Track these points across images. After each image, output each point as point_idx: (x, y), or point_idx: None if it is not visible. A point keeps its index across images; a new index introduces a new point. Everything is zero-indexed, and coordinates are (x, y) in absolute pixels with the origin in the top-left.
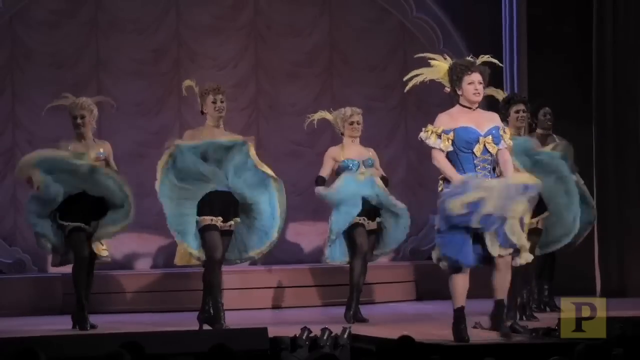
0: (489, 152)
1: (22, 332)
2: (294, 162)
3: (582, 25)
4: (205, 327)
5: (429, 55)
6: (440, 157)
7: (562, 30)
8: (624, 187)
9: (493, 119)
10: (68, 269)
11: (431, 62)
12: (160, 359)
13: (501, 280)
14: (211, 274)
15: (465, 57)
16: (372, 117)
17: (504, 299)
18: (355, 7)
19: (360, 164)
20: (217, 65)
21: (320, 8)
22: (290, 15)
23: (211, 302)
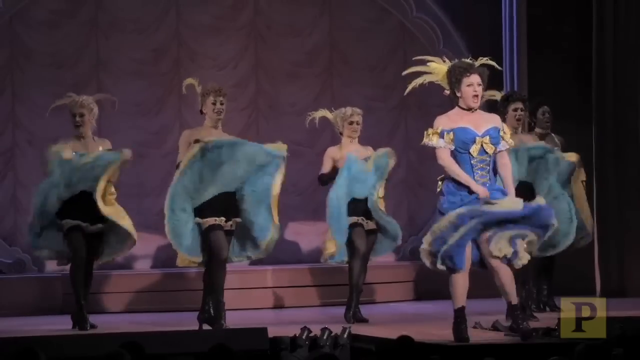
0: (487, 152)
1: (22, 332)
2: (294, 162)
3: (582, 25)
4: (205, 327)
5: (428, 57)
6: (445, 155)
7: (562, 30)
8: (623, 187)
9: (492, 120)
10: (68, 268)
11: (430, 65)
12: (160, 359)
13: (499, 283)
14: (216, 273)
15: (465, 57)
16: (372, 117)
17: (511, 300)
18: (355, 7)
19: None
20: (217, 65)
21: (320, 8)
22: (290, 15)
23: (212, 302)
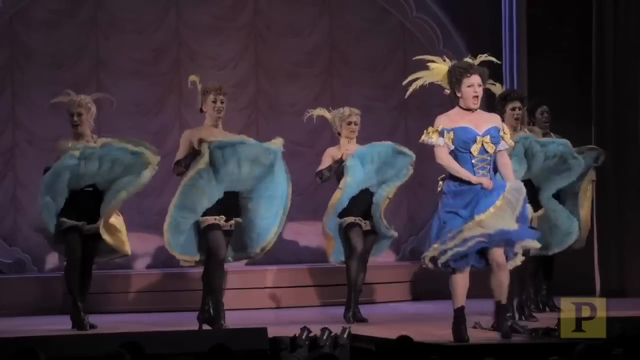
0: (487, 152)
1: (22, 332)
2: (294, 162)
3: (582, 25)
4: (205, 327)
5: (428, 57)
6: (443, 154)
7: (562, 30)
8: (623, 187)
9: (493, 120)
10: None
11: (430, 65)
12: (160, 359)
13: (496, 282)
14: (213, 273)
15: (465, 57)
16: (371, 117)
17: (501, 300)
18: (355, 7)
19: None
20: (217, 65)
21: (320, 8)
22: (290, 15)
23: (212, 302)
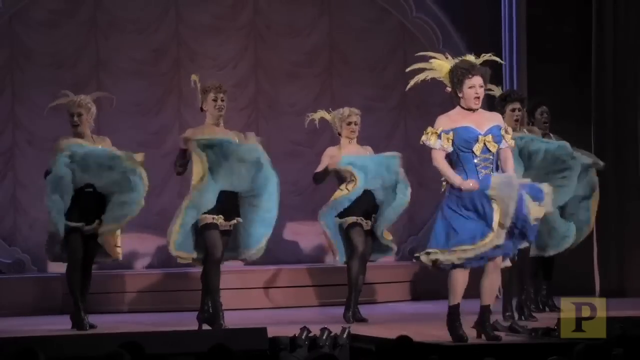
0: (490, 151)
1: (22, 332)
2: (294, 162)
3: (582, 25)
4: (205, 327)
5: (430, 54)
6: (439, 157)
7: (562, 30)
8: (623, 188)
9: (494, 119)
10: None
11: (433, 62)
12: (160, 359)
13: (489, 284)
14: (209, 273)
15: (466, 57)
16: (371, 117)
17: (490, 304)
18: (355, 8)
19: None
20: (217, 65)
21: (319, 8)
22: (290, 15)
23: (210, 302)
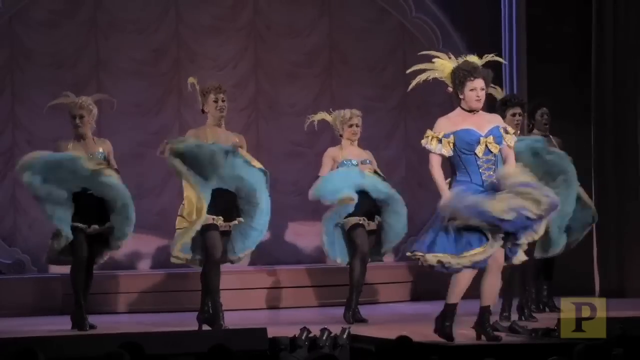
0: (492, 152)
1: (22, 332)
2: (294, 162)
3: (582, 25)
4: (205, 327)
5: (433, 52)
6: (434, 162)
7: (562, 30)
8: (623, 188)
9: (494, 120)
10: (67, 269)
11: (435, 62)
12: (160, 359)
13: (490, 284)
14: (209, 273)
15: (465, 57)
16: (371, 118)
17: (490, 305)
18: (355, 8)
19: (359, 163)
20: (217, 66)
21: (319, 8)
22: (290, 16)
23: (210, 302)
